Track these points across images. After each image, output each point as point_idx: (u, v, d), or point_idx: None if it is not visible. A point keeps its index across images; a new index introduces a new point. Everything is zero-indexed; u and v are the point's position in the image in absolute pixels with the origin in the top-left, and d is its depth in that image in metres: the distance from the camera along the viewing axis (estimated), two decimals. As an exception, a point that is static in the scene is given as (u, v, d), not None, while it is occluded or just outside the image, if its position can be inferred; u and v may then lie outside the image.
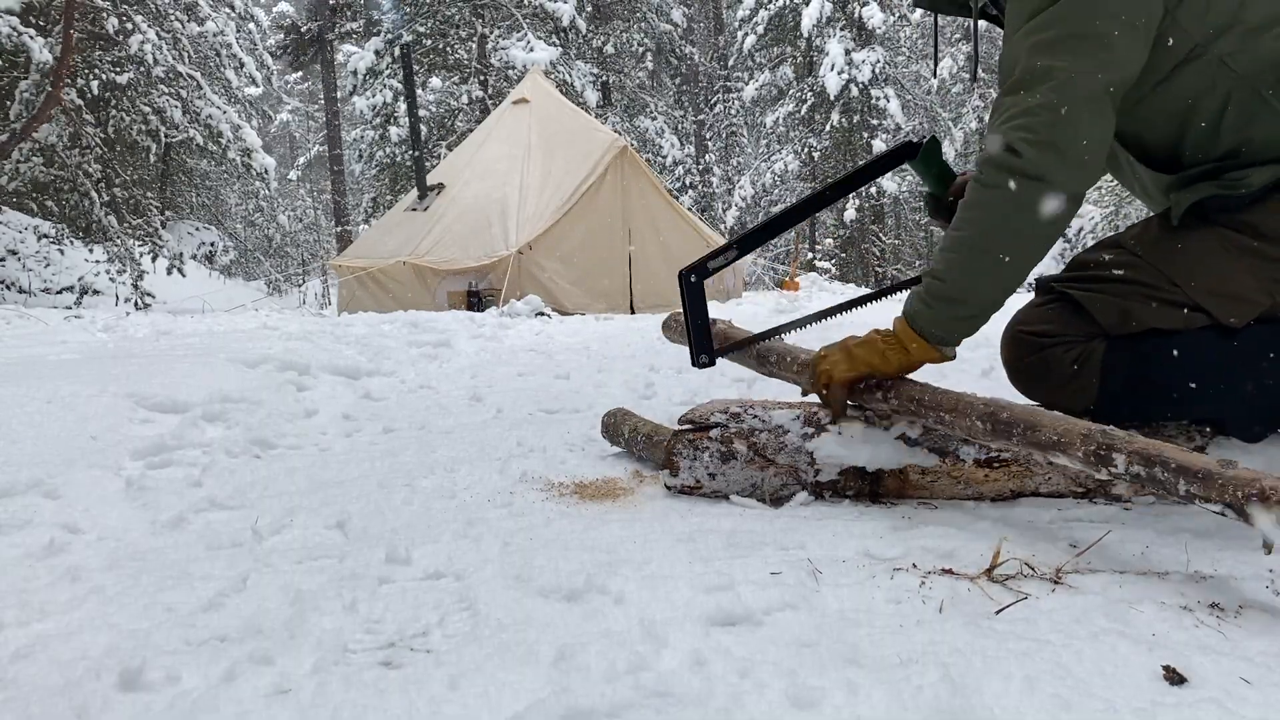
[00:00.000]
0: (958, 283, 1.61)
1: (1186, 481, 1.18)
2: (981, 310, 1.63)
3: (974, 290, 1.61)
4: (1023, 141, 1.51)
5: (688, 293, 1.96)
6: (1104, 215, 12.32)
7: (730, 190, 23.54)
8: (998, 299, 1.62)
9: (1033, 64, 1.52)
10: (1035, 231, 1.55)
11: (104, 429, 2.28)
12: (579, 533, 1.55)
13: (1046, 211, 1.53)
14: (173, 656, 1.12)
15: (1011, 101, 1.55)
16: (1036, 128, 1.50)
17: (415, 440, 2.40)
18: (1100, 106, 1.51)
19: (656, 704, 0.97)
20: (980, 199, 1.58)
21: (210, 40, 15.63)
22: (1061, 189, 1.52)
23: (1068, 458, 1.34)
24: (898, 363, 1.66)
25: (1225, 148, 1.60)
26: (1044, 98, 1.50)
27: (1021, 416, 1.42)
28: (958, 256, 1.61)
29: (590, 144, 10.02)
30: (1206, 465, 1.17)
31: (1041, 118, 1.50)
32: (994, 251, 1.57)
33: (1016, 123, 1.53)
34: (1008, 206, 1.54)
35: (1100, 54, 1.50)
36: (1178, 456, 1.21)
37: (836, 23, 19.52)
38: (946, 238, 1.65)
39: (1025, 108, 1.52)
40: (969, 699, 0.95)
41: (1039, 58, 1.52)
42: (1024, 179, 1.52)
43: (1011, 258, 1.57)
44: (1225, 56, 1.55)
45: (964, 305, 1.62)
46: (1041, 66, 1.51)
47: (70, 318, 6.53)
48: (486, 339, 4.96)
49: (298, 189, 28.36)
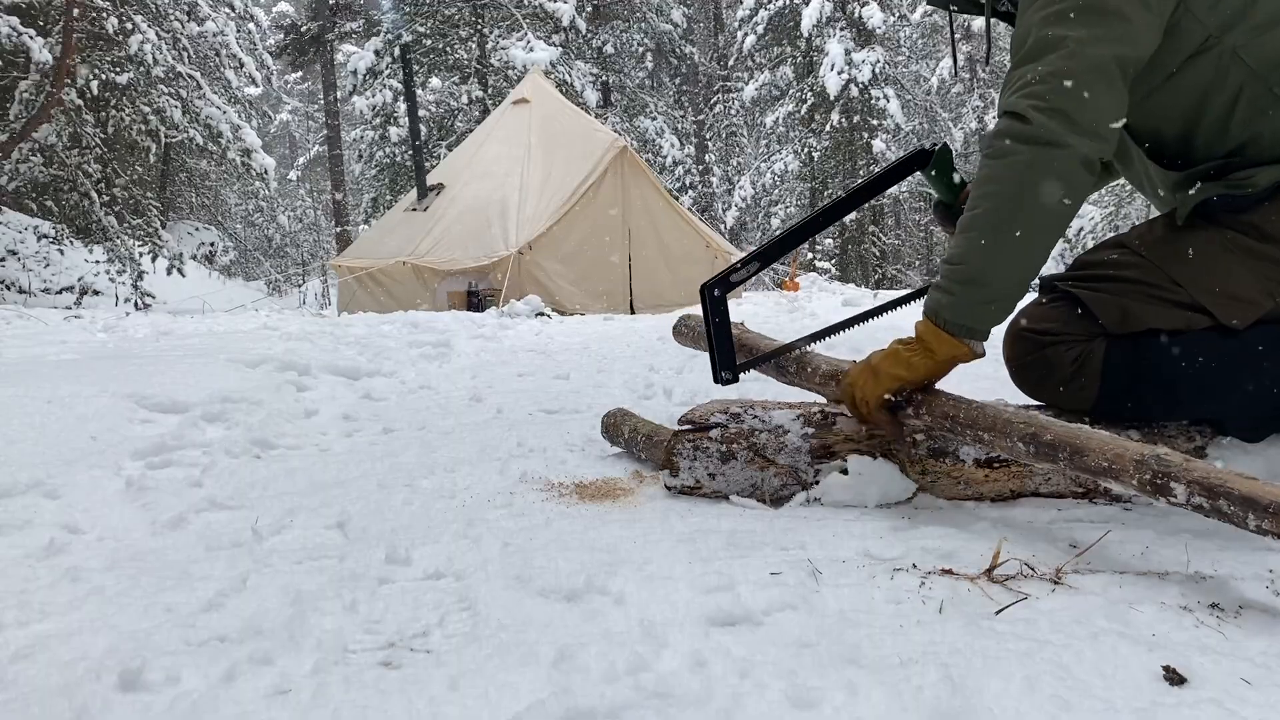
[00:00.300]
0: (977, 263, 1.55)
1: (1256, 516, 1.14)
2: (1005, 293, 1.57)
3: (995, 270, 1.55)
4: (1031, 109, 1.49)
5: (710, 306, 1.89)
6: (1104, 215, 12.32)
7: (730, 190, 23.54)
8: (1021, 279, 1.56)
9: (1043, 34, 1.51)
10: (1049, 201, 1.50)
11: (104, 429, 2.28)
12: (579, 533, 1.55)
13: (1060, 178, 1.49)
14: (173, 657, 1.12)
15: (1021, 73, 1.53)
16: (1045, 95, 1.48)
17: (415, 440, 2.40)
18: (1109, 77, 1.49)
19: (656, 704, 0.97)
20: (992, 172, 1.55)
21: (210, 40, 15.62)
22: (1074, 154, 1.49)
23: (1120, 485, 1.29)
24: (924, 368, 1.60)
25: (1234, 143, 1.59)
26: (1053, 66, 1.49)
27: (1066, 438, 1.36)
28: (975, 235, 1.56)
29: (590, 144, 10.03)
30: (1275, 497, 1.13)
31: (1050, 85, 1.48)
32: (1011, 225, 1.52)
33: (1025, 91, 1.51)
34: (1021, 174, 1.51)
35: (1112, 26, 1.49)
36: (1241, 486, 1.16)
37: (836, 23, 19.52)
38: (961, 221, 1.59)
39: (1034, 76, 1.50)
40: (969, 699, 0.95)
41: (1050, 28, 1.51)
42: (1035, 145, 1.49)
43: (1028, 231, 1.52)
44: (1238, 49, 1.54)
45: (987, 287, 1.56)
46: (1052, 36, 1.50)
47: (70, 318, 6.53)
48: (486, 339, 4.96)
49: (298, 189, 28.35)
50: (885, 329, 1.94)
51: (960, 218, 1.60)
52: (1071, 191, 1.51)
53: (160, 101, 12.67)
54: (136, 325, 5.64)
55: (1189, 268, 1.60)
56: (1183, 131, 1.64)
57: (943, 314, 1.58)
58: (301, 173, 28.80)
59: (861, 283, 17.93)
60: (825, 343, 2.05)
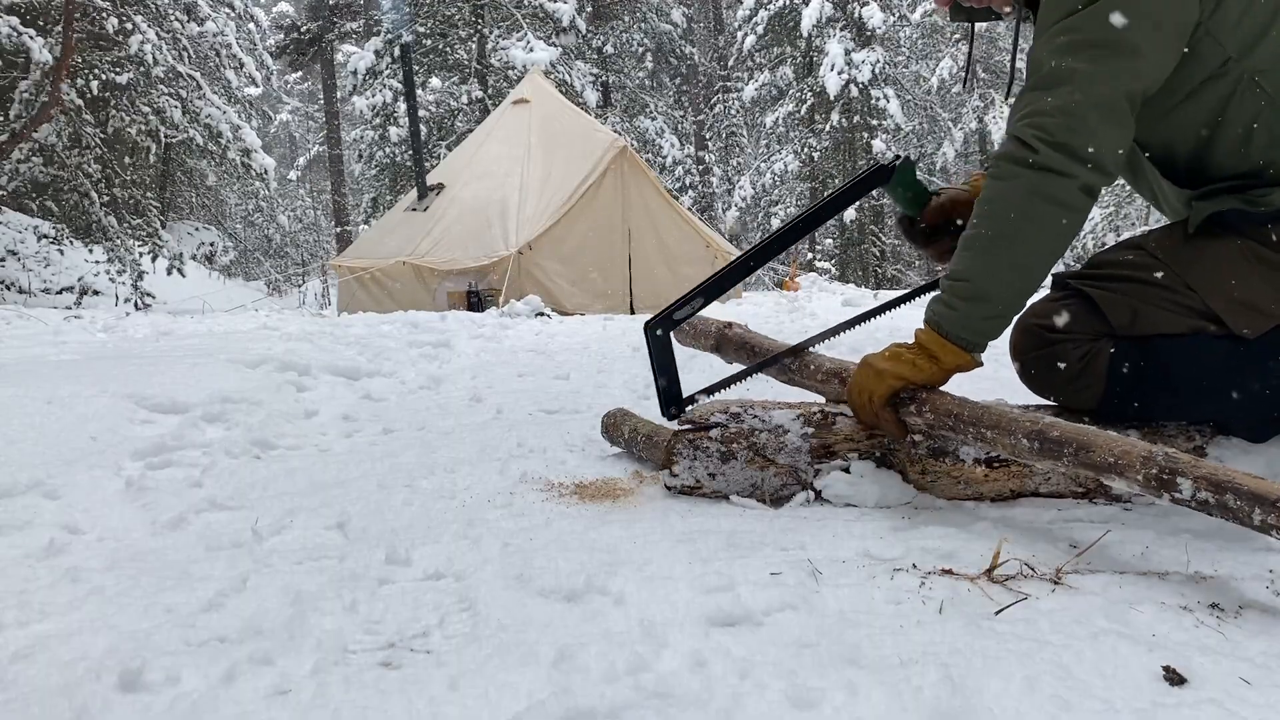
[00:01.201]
0: (979, 280, 1.59)
1: (1263, 511, 1.15)
2: (1007, 308, 1.61)
3: (996, 286, 1.59)
4: (1037, 139, 1.53)
5: (653, 346, 1.88)
6: (1104, 216, 12.32)
7: (730, 190, 23.54)
8: (1022, 294, 1.61)
9: (1055, 65, 1.54)
10: (1051, 223, 1.55)
11: (104, 429, 2.28)
12: (579, 533, 1.55)
13: (1060, 201, 1.53)
14: (173, 657, 1.12)
15: (1031, 99, 1.56)
16: (1051, 129, 1.52)
17: (415, 441, 2.40)
18: (1116, 113, 1.52)
19: (656, 705, 0.97)
20: (996, 193, 1.59)
21: (210, 40, 15.63)
22: (1075, 183, 1.53)
23: (1125, 481, 1.29)
24: (929, 371, 1.63)
25: (1251, 165, 1.60)
26: (1061, 100, 1.52)
27: (1072, 435, 1.37)
28: (977, 253, 1.60)
29: (590, 144, 10.03)
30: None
31: (1057, 119, 1.52)
32: (1013, 245, 1.56)
33: (1033, 120, 1.54)
34: (1022, 198, 1.55)
35: (1122, 61, 1.51)
36: (1249, 483, 1.18)
37: (836, 23, 19.52)
38: (964, 238, 1.63)
39: (1042, 108, 1.54)
40: (969, 699, 0.95)
41: (1062, 59, 1.53)
42: (1038, 171, 1.53)
43: (1030, 251, 1.57)
44: (1257, 75, 1.56)
45: (988, 303, 1.60)
46: (1064, 69, 1.53)
47: (70, 318, 6.53)
48: (486, 339, 4.96)
49: (297, 189, 28.37)
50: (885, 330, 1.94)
51: (964, 233, 1.64)
52: (1072, 215, 1.56)
53: (160, 101, 12.68)
54: (136, 325, 5.64)
55: (1205, 274, 1.60)
56: (1197, 150, 1.64)
57: (945, 326, 1.62)
58: (301, 173, 28.81)
59: (861, 283, 17.94)
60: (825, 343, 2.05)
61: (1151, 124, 1.61)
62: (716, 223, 21.92)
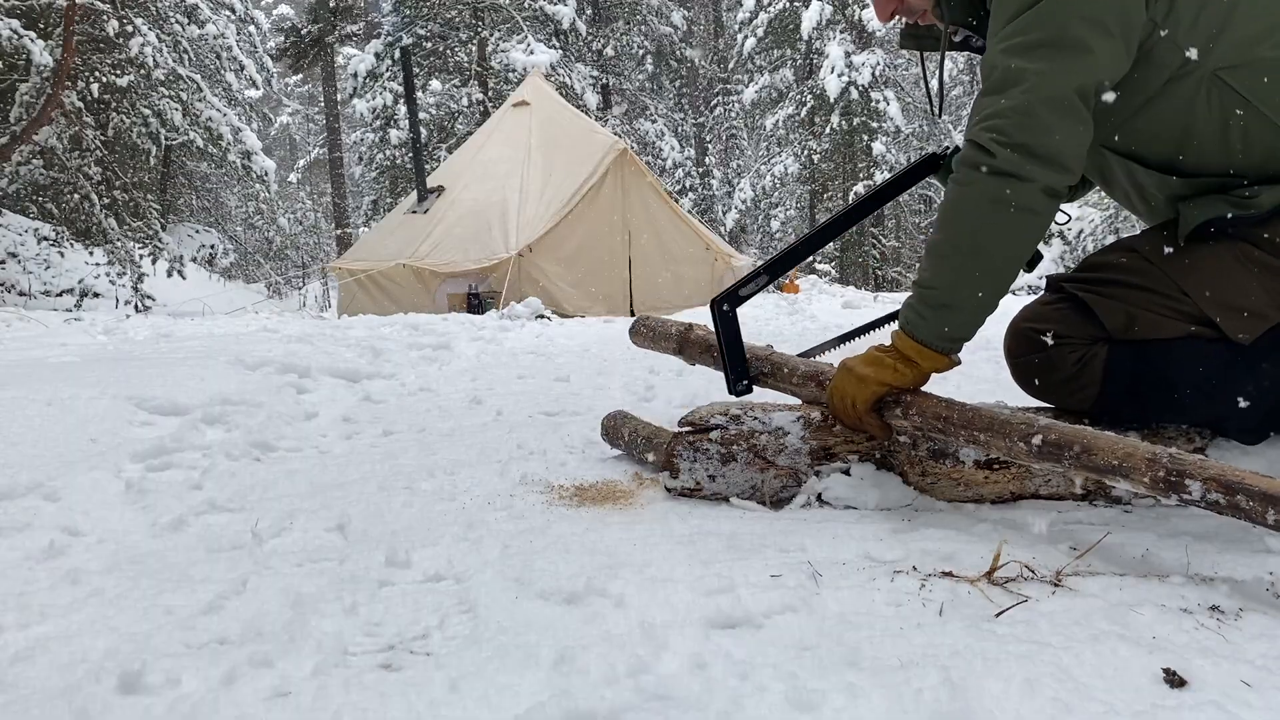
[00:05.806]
0: (946, 288, 1.61)
1: (1276, 511, 1.15)
2: (975, 313, 1.62)
3: (963, 293, 1.60)
4: (994, 142, 1.53)
5: (720, 323, 1.92)
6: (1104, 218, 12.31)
7: (730, 193, 23.55)
8: (989, 300, 1.61)
9: (1007, 67, 1.54)
10: (1013, 227, 1.56)
11: (104, 431, 2.28)
12: (579, 535, 1.55)
13: (1022, 206, 1.54)
14: (173, 659, 1.12)
15: (985, 104, 1.57)
16: (1007, 130, 1.53)
17: (415, 443, 2.40)
18: (1071, 108, 1.52)
19: (657, 707, 0.97)
20: (956, 199, 1.60)
21: (210, 43, 15.64)
22: (1035, 186, 1.53)
23: (1131, 483, 1.29)
24: (910, 375, 1.64)
25: (1234, 162, 1.60)
26: (1014, 100, 1.52)
27: (1074, 437, 1.36)
28: (941, 261, 1.62)
29: (590, 146, 10.04)
30: None
31: (1011, 120, 1.52)
32: (976, 251, 1.58)
33: (988, 124, 1.55)
34: (984, 204, 1.55)
35: (1072, 58, 1.51)
36: (1260, 483, 1.18)
37: (836, 25, 19.54)
38: (929, 243, 1.65)
39: (997, 110, 1.54)
40: (969, 701, 0.95)
41: (1013, 60, 1.54)
42: (997, 176, 1.53)
43: (993, 255, 1.58)
44: (1221, 73, 1.55)
45: (957, 310, 1.61)
46: (1015, 69, 1.53)
47: (70, 320, 6.54)
48: (486, 342, 4.96)
49: (298, 191, 28.36)
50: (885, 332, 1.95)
51: (929, 238, 1.66)
52: (1034, 219, 1.56)
53: (161, 104, 12.70)
54: (136, 327, 5.64)
55: (1199, 279, 1.59)
56: (1177, 148, 1.63)
57: (919, 333, 1.64)
58: (302, 175, 28.82)
59: (861, 285, 17.95)
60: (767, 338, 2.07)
61: (1123, 128, 1.62)
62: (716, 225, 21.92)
